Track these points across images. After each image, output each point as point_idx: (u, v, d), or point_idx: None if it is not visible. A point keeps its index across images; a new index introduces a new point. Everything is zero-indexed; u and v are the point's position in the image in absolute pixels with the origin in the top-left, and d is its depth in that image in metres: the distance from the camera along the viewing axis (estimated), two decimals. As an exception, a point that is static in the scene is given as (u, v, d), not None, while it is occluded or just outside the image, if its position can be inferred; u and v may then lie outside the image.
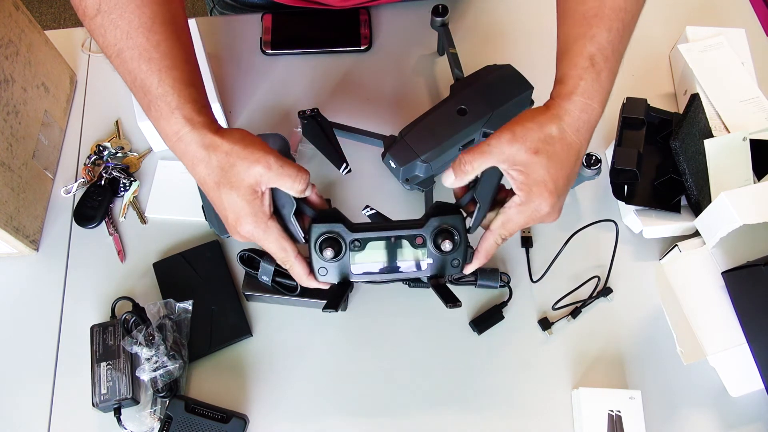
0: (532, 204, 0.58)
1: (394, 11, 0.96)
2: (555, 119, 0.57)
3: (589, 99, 0.58)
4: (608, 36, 0.59)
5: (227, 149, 0.55)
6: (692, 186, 0.74)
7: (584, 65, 0.58)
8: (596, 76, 0.59)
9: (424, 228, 0.60)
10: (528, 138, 0.56)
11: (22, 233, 0.74)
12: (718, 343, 0.65)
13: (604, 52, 0.59)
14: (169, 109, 0.56)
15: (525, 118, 0.57)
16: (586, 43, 0.59)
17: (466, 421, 0.69)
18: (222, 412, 0.66)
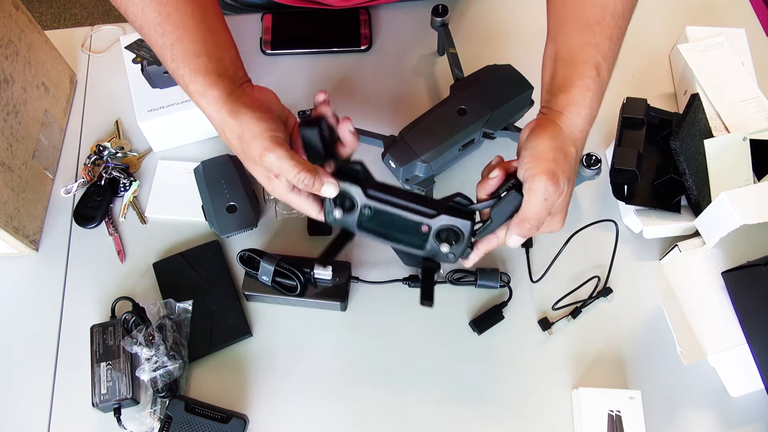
0: (548, 227, 0.60)
1: (394, 11, 0.96)
2: (573, 143, 0.58)
3: (593, 110, 0.59)
4: (609, 44, 0.60)
5: (238, 134, 0.58)
6: (692, 186, 0.74)
7: (592, 75, 0.58)
8: (600, 86, 0.59)
9: (433, 220, 0.60)
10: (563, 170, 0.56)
11: (22, 233, 0.74)
12: (718, 343, 0.65)
13: (607, 61, 0.60)
14: (184, 82, 0.59)
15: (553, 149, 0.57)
16: (592, 51, 0.59)
17: (466, 421, 0.69)
18: (222, 412, 0.66)
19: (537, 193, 0.55)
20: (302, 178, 0.56)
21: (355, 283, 0.75)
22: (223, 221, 0.76)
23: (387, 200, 0.60)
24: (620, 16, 0.60)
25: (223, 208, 0.76)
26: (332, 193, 0.58)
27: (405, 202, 0.60)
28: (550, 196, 0.55)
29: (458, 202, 0.60)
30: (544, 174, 0.55)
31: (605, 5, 0.59)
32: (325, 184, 0.58)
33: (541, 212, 0.56)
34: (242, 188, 0.77)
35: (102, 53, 0.93)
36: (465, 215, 0.59)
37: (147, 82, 0.81)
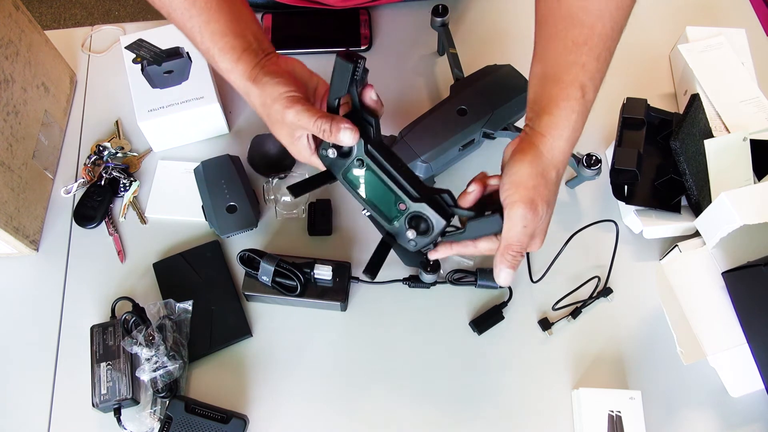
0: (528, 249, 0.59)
1: (394, 11, 0.96)
2: (553, 166, 0.58)
3: (576, 132, 0.59)
4: (596, 65, 0.60)
5: (262, 101, 0.61)
6: (692, 186, 0.74)
7: (577, 96, 0.58)
8: (585, 107, 0.59)
9: (413, 203, 0.59)
10: (542, 196, 0.57)
11: (22, 233, 0.74)
12: (718, 344, 0.65)
13: (593, 82, 0.60)
14: (215, 61, 0.63)
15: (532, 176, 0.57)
16: (578, 72, 0.59)
17: (466, 422, 0.69)
18: (222, 413, 0.66)
19: (516, 221, 0.56)
20: (320, 125, 0.57)
21: (355, 283, 0.75)
22: (223, 221, 0.76)
23: (382, 164, 0.60)
24: (609, 37, 0.60)
25: (223, 208, 0.76)
26: (349, 139, 0.58)
27: (397, 174, 0.60)
28: (529, 224, 0.56)
29: (444, 198, 0.60)
30: (522, 202, 0.56)
31: (593, 25, 0.59)
32: (342, 129, 0.57)
33: (522, 238, 0.57)
34: (242, 188, 0.77)
35: (102, 53, 0.93)
36: (444, 213, 0.59)
37: (147, 82, 0.81)
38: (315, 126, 0.58)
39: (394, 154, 0.61)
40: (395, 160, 0.60)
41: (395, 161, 0.60)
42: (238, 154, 0.82)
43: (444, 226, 0.59)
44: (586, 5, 0.59)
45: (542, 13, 0.63)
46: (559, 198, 0.81)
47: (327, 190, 0.82)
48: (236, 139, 0.86)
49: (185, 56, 0.83)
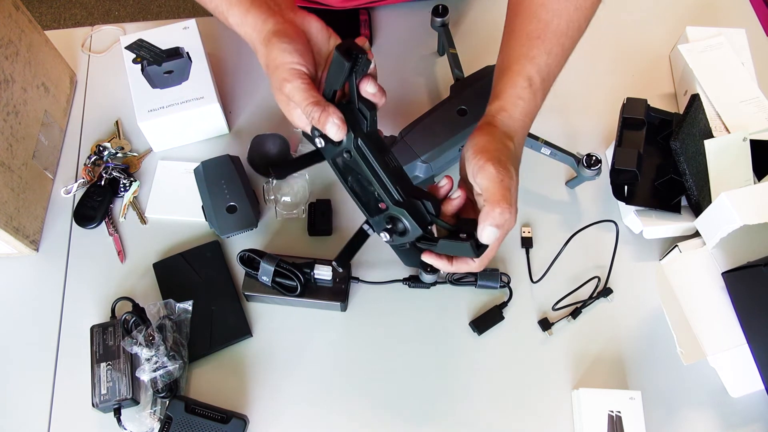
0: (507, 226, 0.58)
1: (394, 11, 0.96)
2: (509, 138, 0.60)
3: (526, 117, 0.62)
4: (547, 59, 0.62)
5: (265, 62, 0.60)
6: (692, 186, 0.74)
7: (523, 85, 0.62)
8: (533, 96, 0.62)
9: (393, 204, 0.58)
10: (508, 157, 0.58)
11: (22, 233, 0.74)
12: (718, 344, 0.65)
13: (541, 74, 0.62)
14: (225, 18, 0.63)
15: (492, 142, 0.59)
16: (526, 63, 0.62)
17: (466, 422, 0.69)
18: (222, 413, 0.66)
19: (492, 178, 0.56)
20: (310, 111, 0.57)
21: (355, 283, 0.75)
22: (223, 221, 0.76)
23: (369, 161, 0.59)
24: (563, 34, 0.63)
25: (223, 209, 0.76)
26: (335, 134, 0.57)
27: (384, 173, 0.58)
28: (504, 178, 0.56)
29: (425, 206, 0.59)
30: (491, 161, 0.56)
31: (549, 22, 0.62)
32: (329, 122, 0.56)
33: (504, 193, 0.56)
34: (242, 188, 0.77)
35: (102, 53, 0.93)
36: (422, 222, 0.58)
37: (147, 82, 0.81)
38: (305, 110, 0.57)
39: (387, 151, 0.60)
40: (385, 157, 0.59)
41: (385, 159, 0.59)
42: (238, 154, 0.82)
43: (419, 234, 0.59)
44: (545, 2, 0.62)
45: (510, 7, 0.66)
46: (559, 198, 0.81)
47: (327, 191, 0.82)
48: (236, 139, 0.86)
49: (185, 56, 0.83)
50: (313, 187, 0.82)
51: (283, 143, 0.83)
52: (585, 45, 0.94)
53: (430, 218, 0.59)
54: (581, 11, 0.63)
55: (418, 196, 0.59)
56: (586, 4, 0.63)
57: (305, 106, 0.57)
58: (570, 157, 0.77)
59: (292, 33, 0.59)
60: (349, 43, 0.54)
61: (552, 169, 0.83)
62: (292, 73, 0.57)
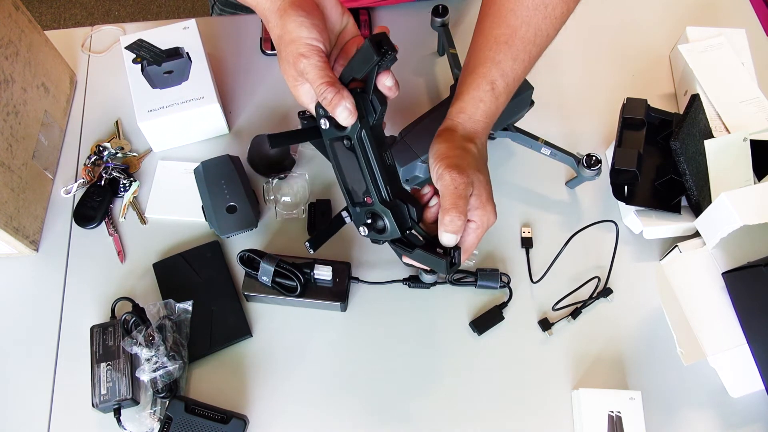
0: (486, 222, 0.61)
1: (394, 12, 0.96)
2: (470, 140, 0.62)
3: (488, 119, 0.64)
4: (512, 65, 0.64)
5: (279, 34, 0.58)
6: (692, 186, 0.74)
7: (486, 88, 0.63)
8: (494, 98, 0.63)
9: (380, 201, 0.59)
10: (469, 163, 0.60)
11: (22, 233, 0.74)
12: (718, 344, 0.65)
13: (505, 79, 0.64)
14: None
15: (451, 149, 0.60)
16: (491, 67, 0.63)
17: (466, 422, 0.69)
18: (222, 413, 0.66)
19: (446, 185, 0.58)
20: (323, 91, 0.56)
21: (355, 283, 0.75)
22: (223, 221, 0.76)
23: (367, 155, 0.59)
24: (530, 42, 0.64)
25: (223, 209, 0.76)
26: (345, 119, 0.56)
27: (378, 169, 0.59)
28: (459, 185, 0.58)
29: (409, 210, 0.60)
30: (449, 168, 0.58)
31: (517, 28, 0.63)
32: (341, 106, 0.56)
33: (457, 201, 0.58)
34: (242, 188, 0.77)
35: (102, 53, 0.93)
36: (402, 226, 0.60)
37: (147, 82, 0.81)
38: (318, 89, 0.56)
39: (385, 148, 0.60)
40: (383, 155, 0.59)
41: (382, 156, 0.59)
42: (238, 155, 0.82)
43: (397, 237, 0.60)
44: (515, 8, 0.63)
45: (482, 8, 0.67)
46: (559, 198, 0.81)
47: (327, 191, 0.82)
48: (236, 139, 0.86)
49: (185, 56, 0.83)
50: (313, 187, 0.82)
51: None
52: (585, 45, 0.94)
53: (411, 224, 0.61)
54: (549, 20, 0.64)
55: (404, 200, 0.60)
56: (555, 14, 0.64)
57: (319, 85, 0.56)
58: (570, 157, 0.77)
59: (308, 6, 0.58)
60: (381, 37, 0.54)
61: (552, 169, 0.83)
62: (309, 48, 0.56)
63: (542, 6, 0.63)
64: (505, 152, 0.85)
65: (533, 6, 0.62)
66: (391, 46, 0.53)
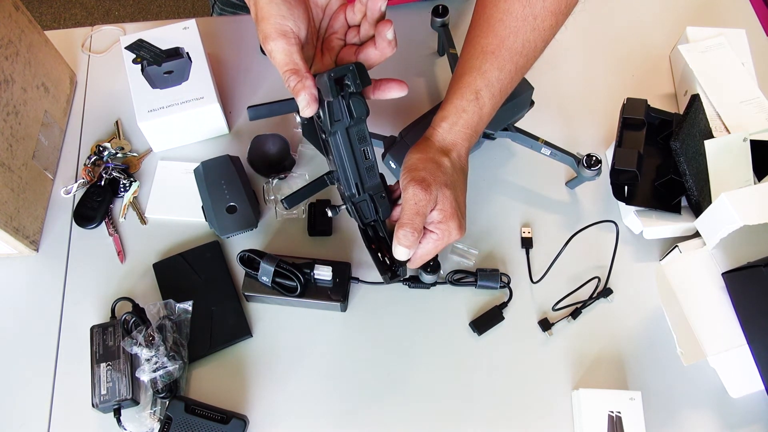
0: (447, 236, 0.62)
1: (394, 12, 0.96)
2: (445, 153, 0.63)
3: (469, 129, 0.64)
4: (499, 75, 0.64)
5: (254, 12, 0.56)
6: (692, 187, 0.74)
7: (470, 98, 0.63)
8: (478, 108, 0.63)
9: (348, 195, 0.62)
10: (436, 177, 0.60)
11: (22, 234, 0.74)
12: (718, 344, 0.65)
13: (491, 89, 0.64)
14: None
15: (422, 161, 0.61)
16: (477, 77, 0.63)
17: (466, 422, 0.69)
18: (222, 413, 0.66)
19: (407, 199, 0.59)
20: (287, 78, 0.55)
21: (355, 283, 0.75)
22: (223, 222, 0.76)
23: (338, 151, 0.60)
24: (518, 53, 0.64)
25: (223, 209, 0.76)
26: (303, 107, 0.55)
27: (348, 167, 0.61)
28: (419, 201, 0.59)
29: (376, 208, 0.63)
30: (413, 182, 0.59)
31: (504, 38, 0.63)
32: (301, 95, 0.55)
33: (413, 217, 0.59)
34: (242, 189, 0.77)
35: (102, 53, 0.93)
36: (363, 217, 0.63)
37: (147, 83, 0.81)
38: (283, 75, 0.55)
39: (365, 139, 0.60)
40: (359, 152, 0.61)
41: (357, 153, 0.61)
42: (238, 155, 0.82)
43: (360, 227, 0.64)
44: (504, 19, 0.63)
45: (473, 17, 0.67)
46: (559, 198, 0.81)
47: (327, 191, 0.82)
48: (236, 139, 0.86)
49: (185, 56, 0.83)
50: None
51: (283, 143, 0.83)
52: (585, 45, 0.94)
53: (374, 218, 0.64)
54: (538, 32, 0.64)
55: (374, 197, 0.63)
56: (544, 26, 0.64)
57: (283, 72, 0.55)
58: (570, 157, 0.77)
59: None
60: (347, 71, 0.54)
61: (552, 170, 0.83)
62: (276, 29, 0.54)
63: (531, 17, 0.62)
64: (505, 152, 0.85)
65: (522, 17, 0.62)
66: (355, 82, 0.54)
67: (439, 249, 0.63)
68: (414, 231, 0.59)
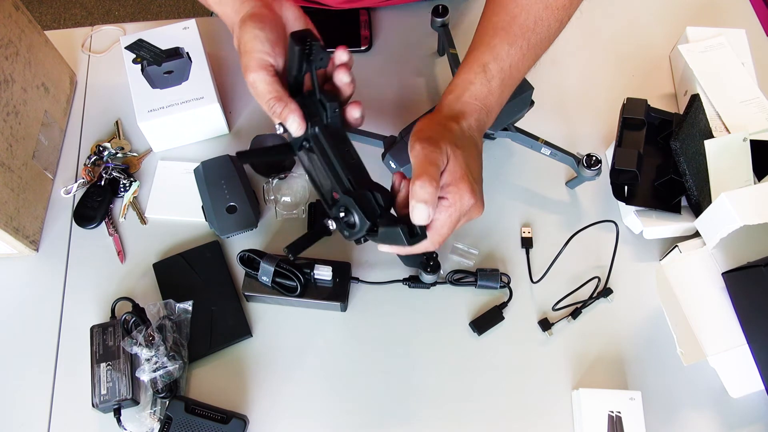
0: (459, 201, 0.57)
1: (394, 12, 0.96)
2: (453, 119, 0.61)
3: (478, 101, 0.62)
4: (509, 50, 0.63)
5: (236, 44, 0.61)
6: (692, 186, 0.74)
7: (476, 70, 0.62)
8: (486, 81, 0.62)
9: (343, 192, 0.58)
10: (444, 137, 0.58)
11: (22, 234, 0.74)
12: (718, 344, 0.65)
13: (499, 63, 0.63)
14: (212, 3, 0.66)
15: (429, 125, 0.60)
16: (485, 51, 0.63)
17: (466, 422, 0.69)
18: (222, 413, 0.66)
19: (417, 154, 0.56)
20: (271, 105, 0.58)
21: (355, 283, 0.75)
22: (223, 222, 0.76)
23: (324, 151, 0.59)
24: (529, 29, 0.64)
25: (223, 209, 0.76)
26: (294, 128, 0.58)
27: (338, 163, 0.59)
28: (429, 153, 0.55)
29: (375, 197, 0.58)
30: (420, 140, 0.57)
31: (516, 15, 0.63)
32: (290, 119, 0.58)
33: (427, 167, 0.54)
34: (242, 189, 0.77)
35: (102, 53, 0.93)
36: (371, 213, 0.57)
37: (147, 83, 0.81)
38: (267, 104, 0.58)
39: (345, 141, 0.60)
40: (343, 147, 0.59)
41: (342, 149, 0.59)
42: (238, 155, 0.82)
43: (368, 226, 0.57)
44: None
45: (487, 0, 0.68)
46: (559, 198, 0.81)
47: (327, 191, 0.82)
48: (236, 139, 0.86)
49: (185, 56, 0.83)
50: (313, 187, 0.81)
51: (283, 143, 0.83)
52: (585, 45, 0.94)
53: (380, 211, 0.58)
54: (551, 11, 0.64)
55: (371, 188, 0.58)
56: (557, 4, 0.64)
57: (267, 101, 0.58)
58: (570, 157, 0.77)
59: (267, 18, 0.60)
60: (304, 32, 0.56)
61: (552, 169, 0.83)
62: (257, 62, 0.58)
63: None
64: (505, 152, 0.85)
65: None
66: (313, 37, 0.55)
67: (453, 220, 0.57)
68: (431, 180, 0.54)
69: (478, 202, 0.59)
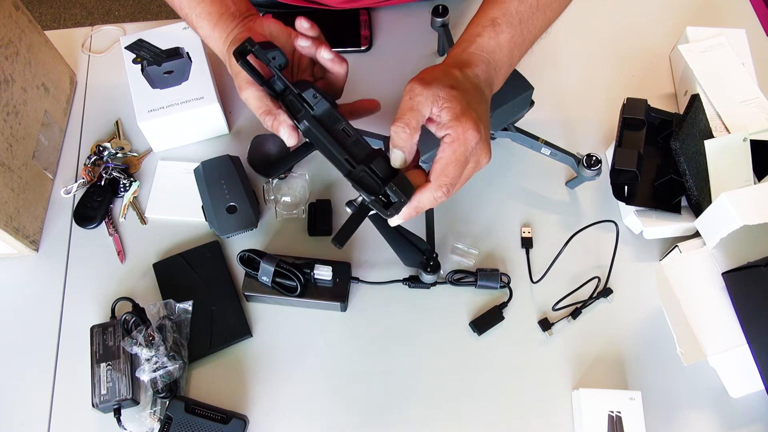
0: (463, 136, 0.55)
1: (395, 12, 0.96)
2: (456, 67, 0.60)
3: (485, 53, 0.61)
4: (518, 6, 0.63)
5: (229, 68, 0.66)
6: (692, 186, 0.74)
7: (485, 24, 0.62)
8: (494, 34, 0.62)
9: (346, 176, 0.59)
10: (440, 80, 0.57)
11: (22, 234, 0.74)
12: (718, 344, 0.65)
13: (508, 18, 0.62)
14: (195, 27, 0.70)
15: (430, 70, 0.59)
16: (494, 7, 0.63)
17: (466, 422, 0.69)
18: (222, 413, 0.66)
19: (402, 97, 0.56)
20: (263, 120, 0.63)
21: (355, 283, 0.75)
22: (223, 222, 0.76)
23: (318, 141, 0.61)
24: None
25: (223, 209, 0.76)
26: (287, 138, 0.62)
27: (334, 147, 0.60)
28: (415, 96, 0.55)
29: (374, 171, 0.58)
30: (411, 80, 0.57)
31: None
32: (281, 130, 0.62)
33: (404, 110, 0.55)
34: (242, 188, 0.77)
35: (102, 53, 0.93)
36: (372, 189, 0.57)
37: (147, 83, 0.81)
38: (260, 118, 0.63)
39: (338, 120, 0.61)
40: (336, 128, 0.60)
41: (335, 130, 0.60)
42: (238, 155, 0.82)
43: (372, 200, 0.57)
44: None
45: None
46: (559, 198, 0.81)
47: (327, 191, 0.82)
48: (236, 139, 0.86)
49: (185, 56, 0.83)
50: (313, 187, 0.82)
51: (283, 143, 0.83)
52: (585, 45, 0.94)
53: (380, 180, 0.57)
54: None
55: (369, 158, 0.58)
56: None
57: (259, 115, 0.63)
58: (570, 157, 0.77)
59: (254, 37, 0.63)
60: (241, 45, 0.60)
61: (552, 169, 0.83)
62: (247, 80, 0.63)
63: None
64: (505, 152, 0.85)
65: None
66: (251, 43, 0.59)
67: (460, 158, 0.55)
68: (405, 127, 0.54)
69: (484, 142, 0.57)
